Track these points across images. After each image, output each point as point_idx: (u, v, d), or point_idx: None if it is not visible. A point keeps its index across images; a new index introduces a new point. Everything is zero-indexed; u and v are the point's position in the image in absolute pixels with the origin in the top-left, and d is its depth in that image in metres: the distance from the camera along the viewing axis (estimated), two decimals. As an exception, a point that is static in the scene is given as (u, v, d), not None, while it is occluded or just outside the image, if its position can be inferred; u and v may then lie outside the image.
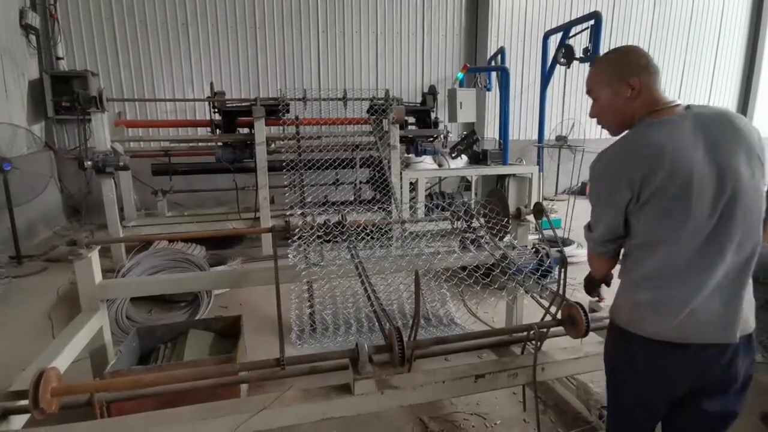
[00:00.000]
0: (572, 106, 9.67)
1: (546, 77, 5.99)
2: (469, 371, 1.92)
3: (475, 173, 6.06)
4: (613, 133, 1.58)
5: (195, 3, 7.33)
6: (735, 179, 1.33)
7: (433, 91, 6.24)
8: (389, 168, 5.39)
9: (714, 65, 11.00)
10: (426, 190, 6.40)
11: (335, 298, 3.81)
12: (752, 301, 1.54)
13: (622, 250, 1.56)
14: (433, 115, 6.21)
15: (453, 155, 6.55)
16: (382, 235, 3.01)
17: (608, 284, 1.89)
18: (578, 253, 5.25)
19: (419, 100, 6.82)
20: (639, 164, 1.34)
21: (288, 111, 5.62)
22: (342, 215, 2.85)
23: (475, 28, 8.83)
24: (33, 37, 6.56)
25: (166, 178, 5.82)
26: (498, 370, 1.94)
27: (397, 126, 5.59)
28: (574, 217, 7.64)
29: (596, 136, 10.10)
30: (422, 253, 2.73)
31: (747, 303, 1.48)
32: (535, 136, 7.41)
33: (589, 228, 1.63)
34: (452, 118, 6.63)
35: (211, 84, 5.64)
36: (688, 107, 1.41)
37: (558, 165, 9.10)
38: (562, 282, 2.07)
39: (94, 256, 2.55)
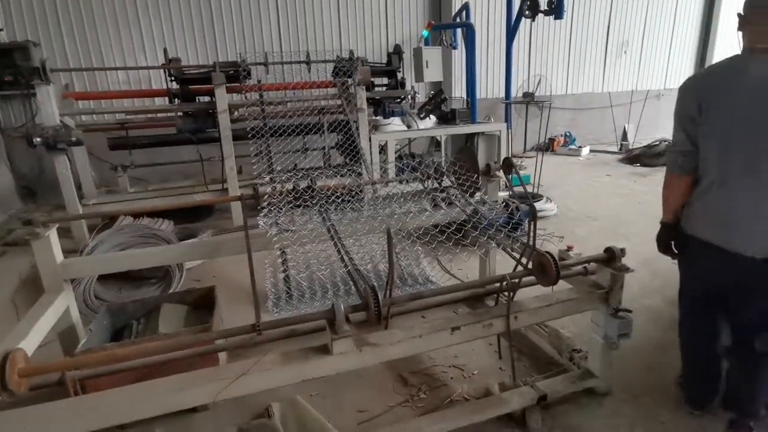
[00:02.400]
0: (539, 62, 9.66)
1: (511, 32, 5.92)
2: (446, 324, 1.96)
3: (443, 133, 6.04)
4: None
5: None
6: None
7: (398, 51, 6.10)
8: (357, 131, 5.30)
9: (672, 34, 11.12)
10: (396, 152, 6.35)
11: (309, 264, 3.79)
12: None
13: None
14: (399, 76, 6.09)
15: (421, 116, 6.50)
16: (353, 198, 2.98)
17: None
18: (547, 208, 5.37)
19: (385, 60, 6.66)
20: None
21: (249, 76, 5.41)
22: (311, 179, 2.80)
23: (439, -17, 8.59)
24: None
25: (125, 152, 5.58)
26: (473, 322, 1.98)
27: (364, 88, 5.47)
28: (543, 172, 7.81)
29: (562, 91, 10.21)
30: (394, 213, 2.72)
31: None
32: (504, 94, 7.41)
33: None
34: (419, 77, 6.53)
35: (165, 50, 5.32)
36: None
37: (525, 122, 9.16)
38: (531, 233, 2.11)
39: (53, 234, 2.44)
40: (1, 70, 6.13)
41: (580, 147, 9.34)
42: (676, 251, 2.23)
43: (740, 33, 1.88)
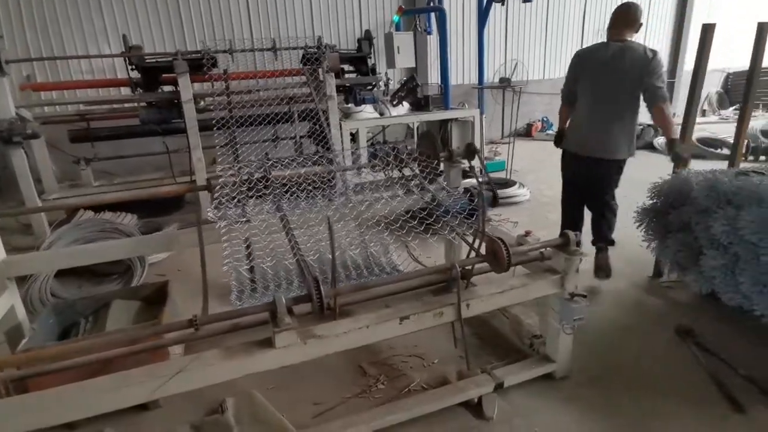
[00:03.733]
0: (515, 47, 9.61)
1: (482, 16, 5.84)
2: (394, 314, 1.92)
3: (415, 120, 5.97)
4: None
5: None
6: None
7: (368, 36, 5.97)
8: (327, 120, 5.21)
9: (647, 19, 11.11)
10: (368, 140, 6.27)
11: (275, 254, 3.73)
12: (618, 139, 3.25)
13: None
14: (370, 62, 5.98)
15: (394, 102, 6.42)
16: (315, 187, 2.92)
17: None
18: (520, 193, 5.36)
19: (356, 47, 6.54)
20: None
21: (215, 65, 5.26)
22: (266, 169, 2.72)
23: (412, -34, 8.44)
24: None
25: (88, 145, 5.40)
26: (423, 311, 1.95)
27: (333, 75, 5.37)
28: (518, 157, 7.79)
29: (539, 76, 10.18)
30: (349, 202, 2.67)
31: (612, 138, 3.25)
32: (477, 79, 7.35)
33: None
34: (390, 63, 6.44)
35: (124, 37, 5.13)
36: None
37: (503, 107, 9.13)
38: (481, 220, 2.07)
39: (-8, 231, 2.33)
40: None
41: (557, 132, 9.36)
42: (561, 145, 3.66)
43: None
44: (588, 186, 3.43)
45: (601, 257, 3.51)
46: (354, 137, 5.89)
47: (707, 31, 3.03)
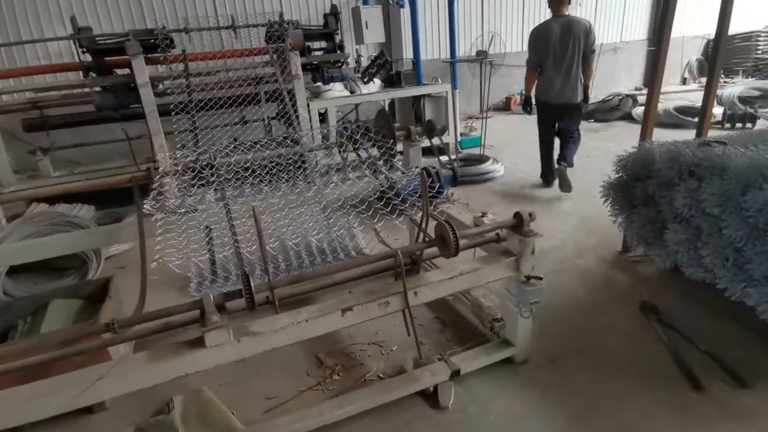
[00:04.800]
0: (493, 19, 9.36)
1: (452, -14, 5.62)
2: (335, 306, 1.82)
3: (385, 96, 5.80)
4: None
5: None
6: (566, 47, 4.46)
7: (334, 11, 5.73)
8: (293, 100, 5.02)
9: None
10: (339, 120, 6.10)
11: (236, 243, 3.61)
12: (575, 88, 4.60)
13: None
14: (337, 38, 5.75)
15: (365, 80, 6.22)
16: (275, 171, 2.79)
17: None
18: (494, 169, 5.25)
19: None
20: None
21: (173, 45, 5.01)
22: (211, 155, 2.58)
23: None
24: None
25: (44, 134, 5.16)
26: (367, 301, 1.85)
27: (297, 53, 5.15)
28: (496, 131, 7.68)
29: (518, 49, 9.94)
30: (313, 184, 2.54)
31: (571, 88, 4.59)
32: (456, 54, 7.15)
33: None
34: (359, 39, 6.22)
35: (72, 19, 4.85)
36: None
37: (481, 81, 8.94)
38: (424, 201, 1.95)
39: None
40: None
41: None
42: (528, 109, 5.05)
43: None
44: (559, 123, 4.77)
45: (563, 174, 4.56)
46: (323, 117, 5.72)
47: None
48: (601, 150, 6.16)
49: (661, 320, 2.54)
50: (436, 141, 3.06)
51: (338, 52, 5.73)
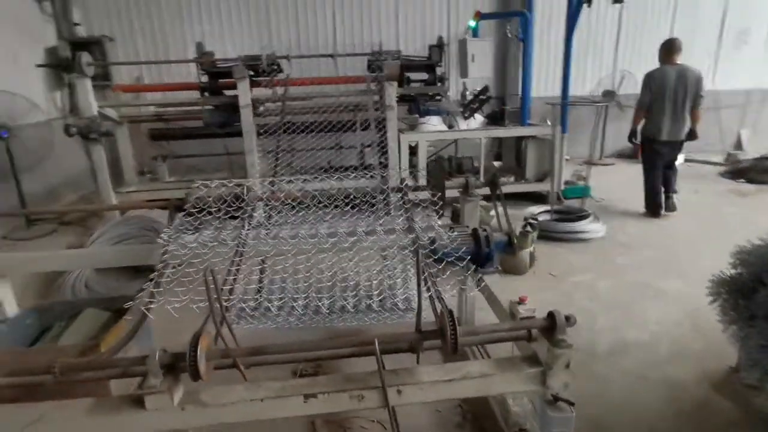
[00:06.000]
0: (627, 55, 8.37)
1: (570, 21, 5.07)
2: (297, 389, 1.55)
3: (481, 135, 5.40)
4: None
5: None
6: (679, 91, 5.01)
7: (440, 43, 5.55)
8: (382, 130, 4.93)
9: None
10: (431, 155, 5.85)
11: (286, 276, 3.56)
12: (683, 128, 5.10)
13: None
14: (439, 70, 5.55)
15: (466, 115, 5.90)
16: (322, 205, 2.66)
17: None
18: (591, 229, 4.53)
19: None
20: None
21: (280, 70, 5.30)
22: (245, 188, 2.51)
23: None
24: (47, 4, 6.66)
25: (167, 144, 5.79)
26: (336, 390, 1.55)
27: (393, 84, 5.05)
28: (615, 182, 6.73)
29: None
30: (317, 234, 2.33)
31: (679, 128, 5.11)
32: (581, 92, 6.50)
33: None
34: (463, 73, 5.91)
35: (198, 44, 5.39)
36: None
37: (603, 124, 8.03)
38: (420, 278, 1.59)
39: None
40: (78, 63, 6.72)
41: (672, 156, 7.93)
42: (635, 141, 5.46)
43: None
44: (665, 157, 5.18)
45: (671, 203, 5.25)
46: (414, 150, 5.52)
47: None
48: (739, 219, 4.99)
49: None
50: (497, 193, 2.63)
51: (438, 84, 5.53)
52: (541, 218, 4.77)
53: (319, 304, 3.30)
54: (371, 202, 2.82)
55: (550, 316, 1.62)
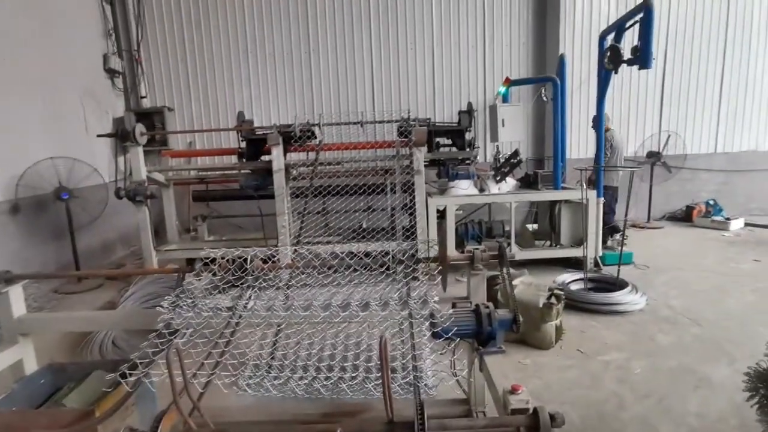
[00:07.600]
0: (672, 116, 8.11)
1: (602, 84, 5.01)
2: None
3: (512, 199, 5.29)
4: None
5: (255, 35, 7.75)
6: None
7: (469, 109, 5.65)
8: (411, 194, 4.99)
9: None
10: (459, 220, 5.78)
11: (299, 343, 3.54)
12: None
13: None
14: (469, 135, 5.60)
15: (497, 179, 5.85)
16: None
17: None
18: (629, 300, 4.21)
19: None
20: None
21: (314, 136, 5.56)
22: (251, 256, 2.56)
23: (543, 35, 7.91)
24: (118, 80, 7.49)
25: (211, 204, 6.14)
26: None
27: (420, 149, 5.15)
28: (661, 248, 6.30)
29: (707, 150, 8.25)
30: (310, 306, 2.29)
31: None
32: (624, 154, 6.33)
33: None
34: (494, 137, 5.93)
35: (239, 113, 5.81)
36: None
37: (650, 186, 7.67)
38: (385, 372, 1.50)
39: (13, 290, 2.63)
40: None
41: (729, 219, 7.36)
42: None
43: None
44: None
45: None
46: (442, 214, 5.49)
47: None
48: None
49: None
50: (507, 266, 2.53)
51: (467, 149, 5.57)
52: (573, 287, 4.51)
53: (318, 376, 3.25)
54: (379, 270, 2.79)
55: (534, 413, 1.48)
